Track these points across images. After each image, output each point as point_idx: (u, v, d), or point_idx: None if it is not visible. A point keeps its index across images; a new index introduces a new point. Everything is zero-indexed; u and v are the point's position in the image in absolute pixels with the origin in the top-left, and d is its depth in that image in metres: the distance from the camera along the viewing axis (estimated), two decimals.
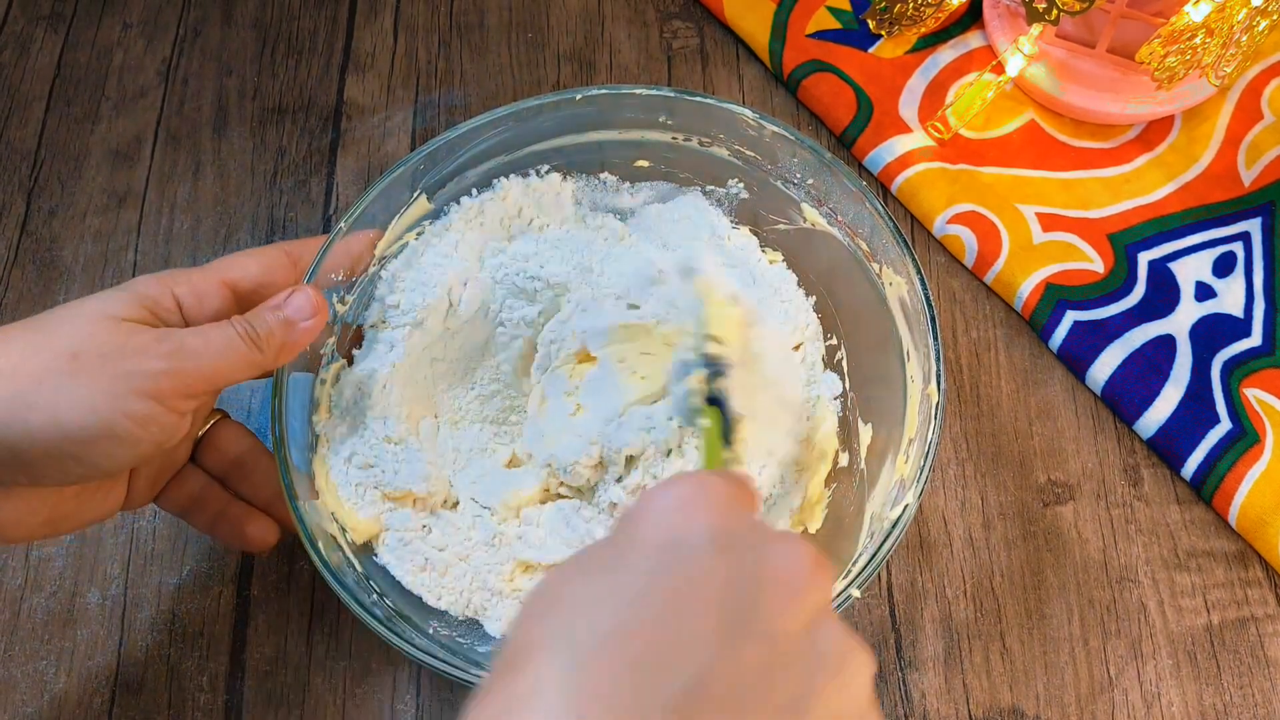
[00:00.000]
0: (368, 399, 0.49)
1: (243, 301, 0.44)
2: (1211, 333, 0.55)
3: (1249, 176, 0.60)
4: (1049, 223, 0.59)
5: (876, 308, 0.51)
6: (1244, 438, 0.52)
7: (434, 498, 0.50)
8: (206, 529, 0.47)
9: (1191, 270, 0.57)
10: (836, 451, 0.51)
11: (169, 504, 0.47)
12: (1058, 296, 0.56)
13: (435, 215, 0.53)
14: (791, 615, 0.28)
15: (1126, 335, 0.55)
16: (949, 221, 0.59)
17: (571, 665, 0.26)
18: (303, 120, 0.65)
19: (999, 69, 0.61)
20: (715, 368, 0.45)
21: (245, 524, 0.47)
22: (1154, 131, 0.61)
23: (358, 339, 0.51)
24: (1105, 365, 0.55)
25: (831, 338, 0.54)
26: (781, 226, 0.54)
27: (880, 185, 0.61)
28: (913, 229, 0.60)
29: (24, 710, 0.49)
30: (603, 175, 0.55)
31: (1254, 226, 0.58)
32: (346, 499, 0.47)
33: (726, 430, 0.42)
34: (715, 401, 0.43)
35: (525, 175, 0.54)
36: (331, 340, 0.50)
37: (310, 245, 0.47)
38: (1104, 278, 0.57)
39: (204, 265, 0.44)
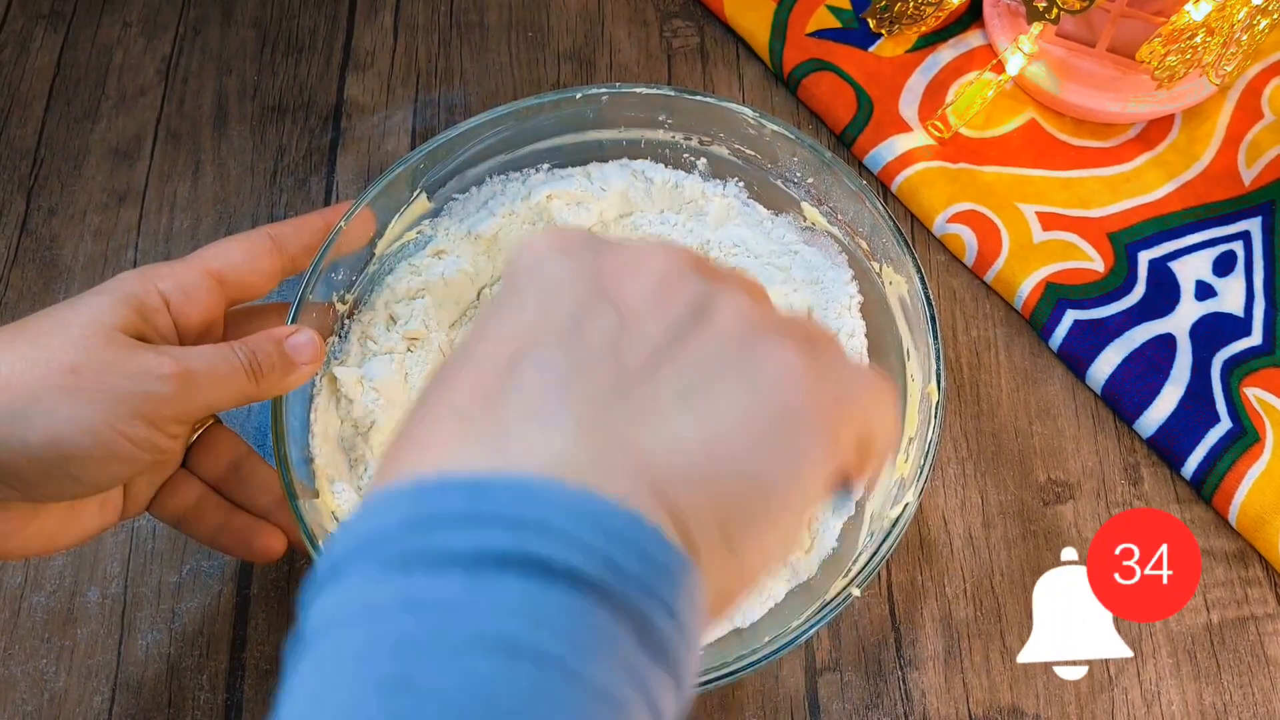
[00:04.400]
0: (364, 406, 0.49)
1: (229, 290, 0.43)
2: (1212, 332, 0.55)
3: (1249, 175, 0.60)
4: (1049, 222, 0.59)
5: (877, 307, 0.51)
6: (1244, 437, 0.52)
7: None
8: (208, 540, 0.46)
9: (1192, 269, 0.57)
10: None
11: (163, 513, 0.45)
12: (1058, 295, 0.56)
13: (435, 214, 0.53)
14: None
15: (1126, 334, 0.55)
16: (949, 220, 0.59)
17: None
18: (303, 119, 0.65)
19: (999, 68, 0.61)
20: None
21: (253, 535, 0.45)
22: (1154, 130, 0.61)
23: None
24: (1105, 364, 0.55)
25: None
26: None
27: (880, 184, 0.61)
28: (913, 228, 0.60)
29: (24, 709, 0.49)
30: None
31: (1254, 226, 0.58)
32: (344, 502, 0.47)
33: None
34: None
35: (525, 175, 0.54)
36: (332, 339, 0.50)
37: (294, 226, 0.46)
38: (1104, 277, 0.57)
39: (185, 257, 0.43)
